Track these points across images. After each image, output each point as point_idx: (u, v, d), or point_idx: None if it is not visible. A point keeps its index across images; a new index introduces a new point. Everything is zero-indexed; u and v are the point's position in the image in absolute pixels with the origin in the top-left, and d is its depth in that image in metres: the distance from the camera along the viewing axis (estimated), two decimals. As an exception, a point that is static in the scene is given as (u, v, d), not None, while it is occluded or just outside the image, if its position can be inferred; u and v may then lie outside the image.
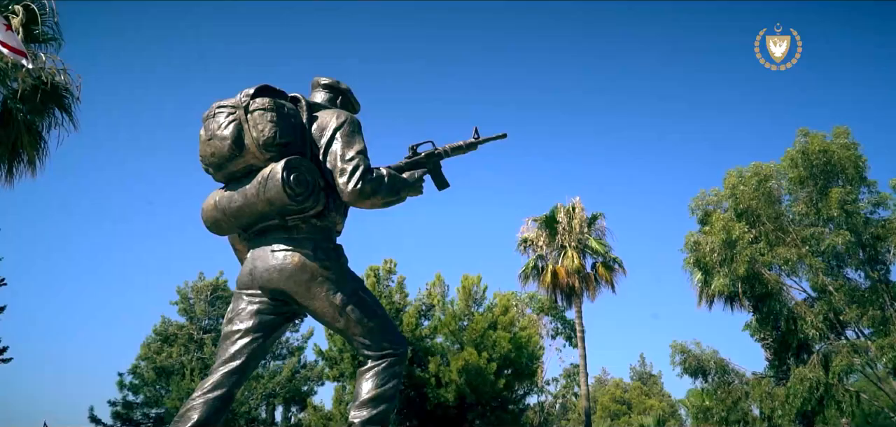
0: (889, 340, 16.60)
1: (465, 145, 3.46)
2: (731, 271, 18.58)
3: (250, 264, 3.09)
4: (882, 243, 17.74)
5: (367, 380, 3.03)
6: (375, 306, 3.14)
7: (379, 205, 3.06)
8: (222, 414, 2.92)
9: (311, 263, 2.97)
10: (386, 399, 3.01)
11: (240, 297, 3.11)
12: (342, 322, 3.02)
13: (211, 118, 3.05)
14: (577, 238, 27.89)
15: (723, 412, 20.86)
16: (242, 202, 3.03)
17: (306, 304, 3.02)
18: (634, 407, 52.18)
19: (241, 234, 3.26)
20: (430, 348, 21.30)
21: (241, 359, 2.96)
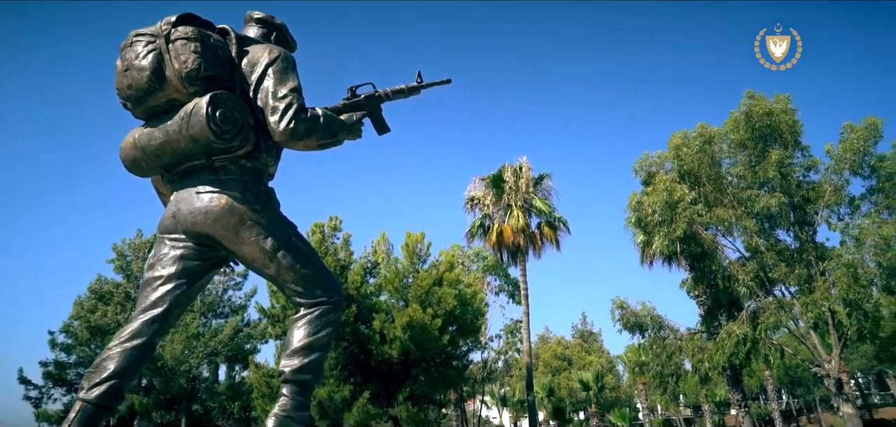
0: (812, 298, 17.54)
1: (407, 89, 3.25)
2: (671, 231, 19.16)
3: (174, 207, 2.86)
4: (811, 205, 18.62)
5: (300, 328, 2.86)
6: (309, 253, 2.95)
7: (313, 147, 2.84)
8: (141, 364, 2.72)
9: (240, 206, 2.76)
10: (319, 348, 2.86)
11: (162, 242, 2.89)
12: (273, 268, 2.83)
13: (128, 47, 2.76)
14: (523, 197, 28.17)
15: (658, 366, 21.74)
16: (163, 139, 2.78)
17: (234, 249, 2.81)
18: (575, 363, 54.02)
19: (165, 176, 2.99)
20: (374, 305, 21.23)
21: (163, 306, 2.76)
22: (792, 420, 51.24)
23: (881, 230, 16.75)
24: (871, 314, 17.32)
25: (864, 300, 17.19)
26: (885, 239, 16.68)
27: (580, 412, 54.69)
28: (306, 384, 2.86)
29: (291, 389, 2.83)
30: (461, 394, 35.59)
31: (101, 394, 2.57)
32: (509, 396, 52.04)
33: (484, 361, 38.23)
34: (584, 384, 45.88)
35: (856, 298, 16.86)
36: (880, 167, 17.54)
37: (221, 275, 30.02)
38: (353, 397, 19.28)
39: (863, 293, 16.97)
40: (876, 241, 16.71)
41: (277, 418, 2.75)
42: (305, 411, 2.85)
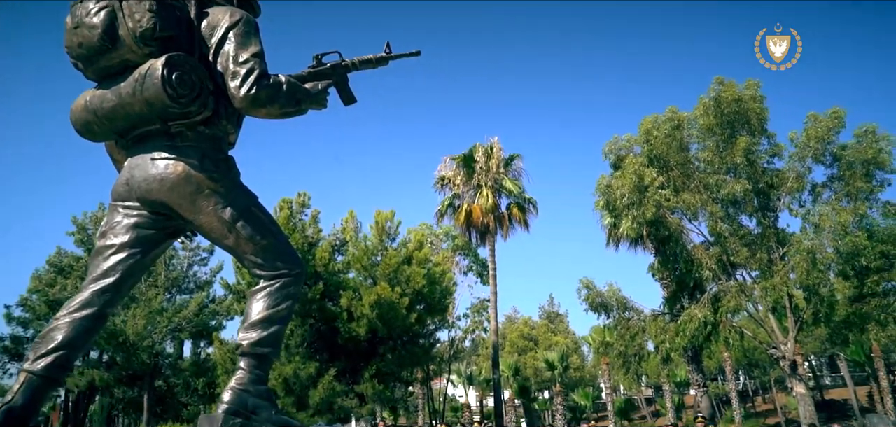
0: (772, 282, 18.04)
1: (374, 59, 3.16)
2: (639, 214, 19.41)
3: (128, 173, 2.73)
4: (775, 192, 19.06)
5: (259, 300, 2.78)
6: (269, 223, 2.85)
7: (276, 115, 2.74)
8: (92, 335, 2.62)
9: (197, 174, 2.64)
10: (278, 320, 2.78)
11: (115, 210, 2.77)
12: (232, 239, 2.74)
13: (79, 3, 2.62)
14: (493, 178, 28.22)
15: (622, 346, 22.15)
16: (116, 102, 2.65)
17: (191, 218, 2.71)
18: (541, 343, 54.68)
19: (118, 141, 2.86)
20: (342, 283, 21.10)
21: (115, 276, 2.65)
22: (748, 400, 52.93)
23: (839, 217, 17.25)
24: (827, 298, 17.90)
25: (821, 285, 17.74)
26: (843, 225, 17.18)
27: (545, 391, 55.53)
28: (265, 357, 2.78)
29: (249, 363, 2.75)
30: (428, 372, 35.79)
31: (48, 365, 2.45)
32: (476, 375, 52.56)
33: (451, 340, 38.44)
34: (550, 364, 46.53)
35: (813, 283, 17.38)
36: (842, 156, 18.02)
37: (185, 249, 29.53)
38: (320, 374, 19.18)
39: (820, 278, 17.51)
40: (834, 227, 17.21)
41: (234, 392, 2.67)
42: (263, 385, 2.77)
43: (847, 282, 17.98)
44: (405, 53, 3.19)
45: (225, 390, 2.69)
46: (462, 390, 55.09)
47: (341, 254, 22.44)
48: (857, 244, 16.87)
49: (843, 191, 17.91)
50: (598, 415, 48.87)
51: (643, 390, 58.49)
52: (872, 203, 17.72)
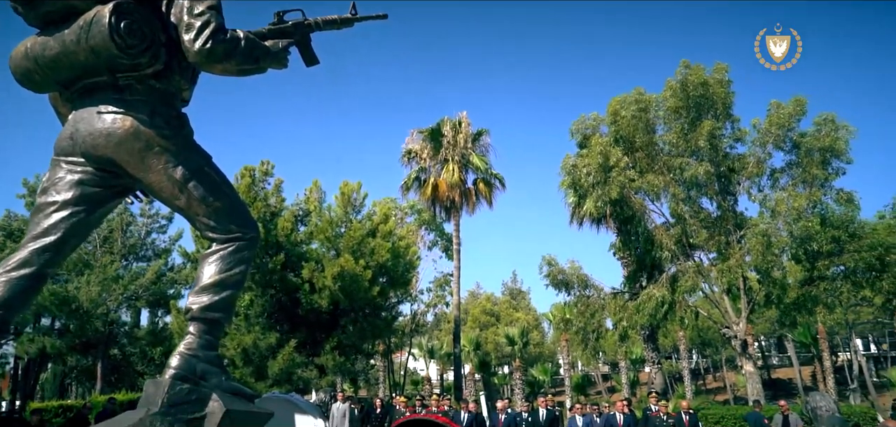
0: (728, 264, 18.53)
1: (339, 20, 3.05)
2: (604, 193, 19.62)
3: (72, 127, 2.57)
4: (735, 176, 19.50)
5: (210, 264, 2.68)
6: (223, 184, 2.74)
7: (232, 71, 2.61)
8: (30, 295, 2.50)
9: (147, 130, 2.50)
10: (231, 285, 2.68)
11: (58, 165, 2.61)
12: (183, 200, 2.61)
13: None
14: (460, 153, 28.13)
15: (581, 323, 22.51)
16: (60, 50, 2.48)
17: (140, 177, 2.57)
18: (503, 319, 55.30)
19: (63, 93, 2.70)
20: (304, 254, 20.83)
21: (56, 235, 2.51)
22: (699, 377, 54.74)
23: (795, 202, 17.76)
24: (779, 281, 18.49)
25: (774, 267, 18.30)
26: (798, 211, 17.70)
27: (505, 366, 56.37)
28: (216, 323, 2.69)
29: (199, 328, 2.65)
30: (389, 345, 35.86)
31: None
32: (437, 349, 52.92)
33: (413, 314, 38.53)
34: (510, 339, 47.16)
35: (767, 266, 17.90)
36: (801, 143, 18.50)
37: (143, 215, 28.72)
38: (280, 345, 18.98)
39: (774, 261, 18.05)
40: (789, 212, 17.71)
41: (182, 357, 2.56)
42: (213, 351, 2.67)
43: (799, 265, 18.58)
44: (371, 16, 3.11)
45: (173, 355, 2.58)
46: (423, 364, 55.46)
47: (304, 224, 22.13)
48: (810, 229, 17.42)
49: (800, 177, 18.42)
50: (556, 390, 49.85)
51: (600, 367, 59.86)
52: (827, 190, 18.29)
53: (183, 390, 2.54)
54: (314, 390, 22.60)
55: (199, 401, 2.58)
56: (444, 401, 15.59)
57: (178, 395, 2.53)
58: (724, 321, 20.10)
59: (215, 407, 2.58)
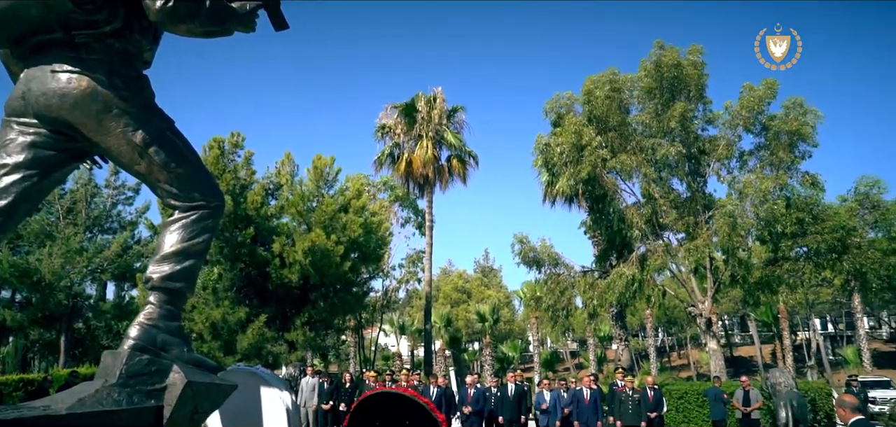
0: (696, 243, 18.88)
1: None
2: (576, 173, 19.74)
3: (24, 86, 2.43)
4: (705, 158, 19.78)
5: (173, 232, 2.59)
6: (186, 150, 2.63)
7: (197, 32, 2.49)
8: None
9: (105, 91, 2.38)
10: (193, 254, 2.60)
11: (9, 126, 2.47)
12: (143, 165, 2.50)
13: None
14: (435, 129, 27.98)
15: (551, 300, 22.76)
16: (9, 3, 2.33)
17: (97, 140, 2.46)
18: (474, 296, 55.65)
19: (14, 50, 2.54)
20: (275, 228, 20.58)
21: (7, 199, 2.38)
22: (664, 355, 56.02)
23: (762, 184, 18.11)
24: (745, 261, 18.92)
25: (740, 248, 18.70)
26: (765, 193, 18.07)
27: (475, 343, 56.84)
28: (177, 293, 2.60)
29: (160, 297, 2.56)
30: (360, 320, 35.83)
31: None
32: (408, 325, 53.09)
33: (385, 290, 38.52)
34: (481, 316, 47.51)
35: (733, 246, 18.28)
36: (770, 126, 18.81)
37: (109, 187, 27.99)
38: (249, 320, 18.78)
39: (740, 242, 18.43)
40: (756, 194, 18.06)
41: (142, 327, 2.48)
42: (175, 321, 2.59)
43: (763, 246, 19.01)
44: None
45: (132, 325, 2.49)
46: (394, 340, 55.61)
47: (275, 198, 21.82)
48: (775, 212, 17.81)
49: (768, 160, 18.77)
50: (525, 366, 50.48)
51: (569, 344, 60.78)
52: (793, 173, 18.69)
53: (142, 361, 2.46)
54: (284, 365, 22.49)
55: (159, 372, 2.50)
56: (414, 376, 15.65)
57: (136, 366, 2.45)
58: (691, 300, 20.52)
59: (176, 378, 2.51)
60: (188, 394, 2.54)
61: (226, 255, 19.56)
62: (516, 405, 12.67)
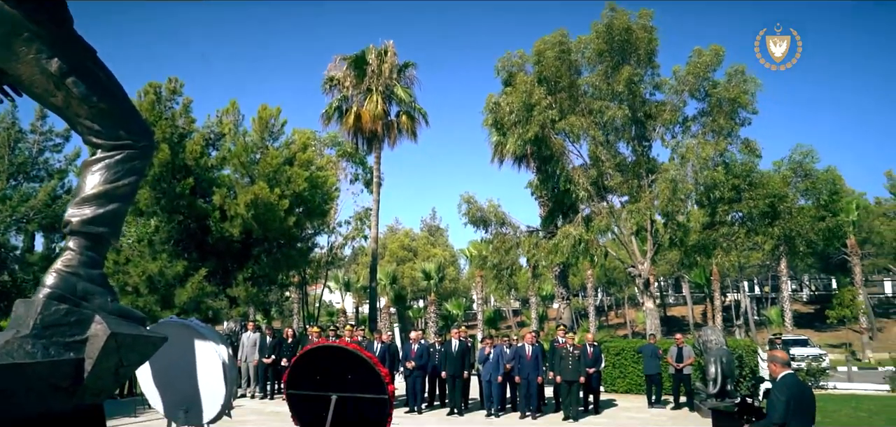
0: (638, 206, 19.34)
1: None
2: (525, 133, 19.77)
3: None
4: (651, 122, 20.10)
5: (95, 173, 2.36)
6: (110, 84, 2.37)
7: None
8: None
9: (13, 12, 2.11)
10: (118, 197, 2.38)
11: None
12: (60, 98, 2.23)
13: None
14: (385, 83, 27.40)
15: (497, 260, 22.98)
16: None
17: (6, 68, 2.20)
18: (420, 254, 55.88)
19: None
20: (216, 180, 19.86)
21: None
22: (603, 314, 58.04)
23: (703, 150, 18.63)
24: (683, 225, 19.53)
25: (679, 212, 19.29)
26: (705, 159, 18.60)
27: (420, 300, 57.26)
28: (99, 238, 2.37)
29: (80, 243, 2.33)
30: (304, 277, 35.38)
31: None
32: (353, 282, 52.91)
33: (330, 246, 38.10)
34: (427, 274, 47.80)
35: (673, 210, 18.83)
36: (713, 93, 19.25)
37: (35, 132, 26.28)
38: (188, 274, 18.19)
39: (679, 206, 19.00)
40: (697, 160, 18.57)
41: (59, 275, 2.25)
42: (97, 269, 2.37)
43: (701, 210, 19.65)
44: None
45: (48, 272, 2.26)
46: (339, 296, 55.37)
47: (216, 149, 20.99)
48: (715, 178, 18.38)
49: (710, 126, 19.27)
50: (469, 323, 51.33)
51: (511, 302, 62.06)
52: (733, 139, 19.27)
53: (60, 311, 2.24)
54: (224, 320, 22.00)
55: (79, 323, 2.30)
56: (358, 331, 15.58)
57: (53, 316, 2.24)
58: (631, 261, 21.11)
59: (98, 330, 2.31)
60: (112, 346, 2.35)
61: (163, 207, 18.78)
62: (460, 361, 12.82)
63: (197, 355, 5.27)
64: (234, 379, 5.41)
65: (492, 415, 12.40)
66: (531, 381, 12.28)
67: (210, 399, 5.39)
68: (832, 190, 19.93)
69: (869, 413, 12.89)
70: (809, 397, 5.30)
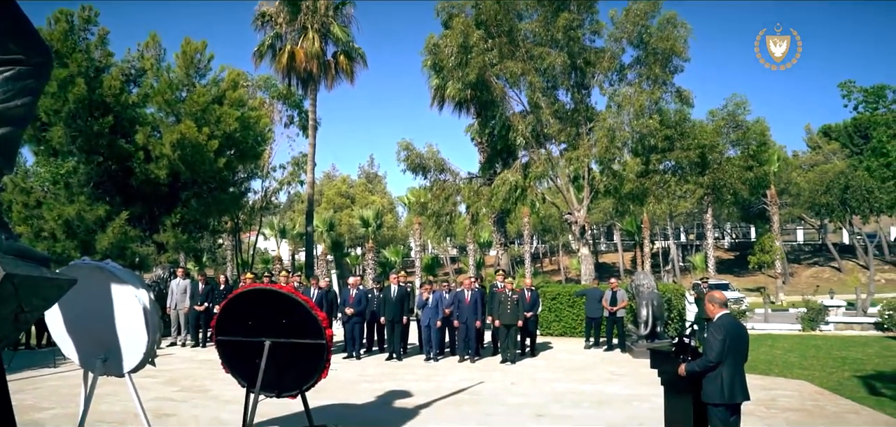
0: (576, 154, 19.57)
1: None
2: (464, 76, 19.47)
3: None
4: (591, 69, 20.18)
5: None
6: None
7: None
8: None
9: None
10: (8, 120, 2.04)
11: None
12: None
13: None
14: (321, 21, 26.27)
15: (436, 206, 22.91)
16: None
17: None
18: (358, 201, 55.24)
19: None
20: (137, 118, 18.63)
21: None
22: (537, 261, 59.47)
23: (639, 98, 18.91)
24: (618, 173, 19.95)
25: (616, 160, 19.65)
26: (641, 107, 18.90)
27: (358, 247, 56.88)
28: None
29: None
30: (237, 223, 34.25)
31: None
32: (289, 229, 51.84)
33: (264, 191, 36.96)
34: (365, 221, 47.38)
35: (609, 158, 19.14)
36: (648, 41, 19.45)
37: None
38: (110, 218, 17.14)
39: (617, 154, 19.32)
40: (633, 107, 18.85)
41: None
42: None
43: (636, 159, 20.10)
44: None
45: None
46: (274, 243, 54.22)
47: (138, 85, 19.63)
48: (650, 126, 18.74)
49: (646, 74, 19.53)
50: (407, 270, 51.47)
51: (449, 249, 62.55)
52: (668, 88, 19.63)
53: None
54: (152, 267, 21.02)
55: (-35, 266, 1.93)
56: (294, 278, 15.17)
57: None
58: (568, 208, 21.47)
59: (-9, 272, 1.96)
60: (9, 289, 2.02)
61: (80, 147, 17.49)
62: (399, 306, 12.68)
63: (114, 300, 4.83)
64: (157, 326, 5.02)
65: (431, 359, 12.39)
66: (470, 326, 12.30)
67: (130, 347, 4.99)
68: (761, 141, 20.75)
69: (784, 350, 13.70)
70: (744, 337, 5.41)
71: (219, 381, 7.01)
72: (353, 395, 8.78)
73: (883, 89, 15.99)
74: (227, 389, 7.57)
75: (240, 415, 5.99)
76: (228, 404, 7.94)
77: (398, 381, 9.89)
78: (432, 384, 9.68)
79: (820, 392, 9.09)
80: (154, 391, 8.99)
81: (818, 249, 51.43)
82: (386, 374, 10.61)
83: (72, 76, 16.38)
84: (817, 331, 17.58)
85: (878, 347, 13.93)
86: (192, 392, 9.05)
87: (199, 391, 9.09)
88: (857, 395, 8.75)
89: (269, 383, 5.67)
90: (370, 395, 8.88)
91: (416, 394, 8.92)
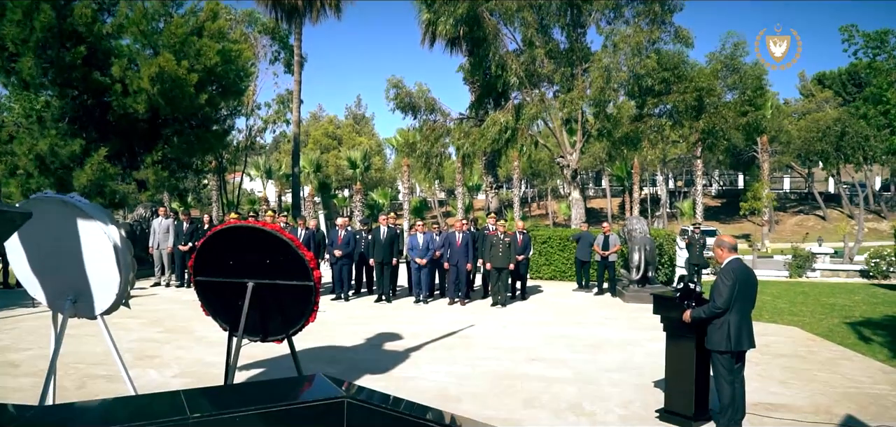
0: (570, 95, 19.02)
1: None
2: (455, 9, 18.68)
3: None
4: (587, 7, 19.40)
5: None
6: None
7: None
8: None
9: None
10: None
11: None
12: None
13: None
14: (305, -51, 25.12)
15: (426, 147, 22.40)
16: None
17: None
18: (345, 143, 54.39)
19: None
20: (113, 49, 17.76)
21: None
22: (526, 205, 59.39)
23: (636, 38, 18.26)
24: (613, 116, 19.48)
25: (611, 102, 19.14)
26: (638, 45, 18.27)
27: (345, 189, 56.31)
28: None
29: None
30: (221, 162, 33.54)
31: None
32: (275, 170, 51.05)
33: (249, 130, 36.12)
34: (352, 163, 46.71)
35: (604, 100, 18.61)
36: (648, -23, 18.71)
37: None
38: (86, 154, 16.50)
39: (612, 96, 18.79)
40: (630, 47, 18.23)
41: None
42: None
43: (632, 101, 19.61)
44: None
45: None
46: (260, 184, 53.48)
47: (112, 14, 18.64)
48: (647, 66, 18.17)
49: (644, 12, 18.84)
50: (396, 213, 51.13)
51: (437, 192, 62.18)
52: (667, 28, 18.99)
53: None
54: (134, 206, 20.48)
55: None
56: (281, 218, 14.76)
57: None
58: (560, 152, 21.06)
59: None
60: None
61: (52, 79, 16.68)
62: (388, 247, 12.40)
63: (81, 237, 4.43)
64: (130, 265, 4.64)
65: (420, 301, 12.19)
66: (460, 269, 12.08)
67: (102, 288, 4.61)
68: (757, 86, 20.31)
69: (772, 296, 13.67)
70: (753, 282, 5.17)
71: (204, 322, 6.70)
72: (341, 338, 8.54)
73: (886, 33, 15.60)
74: (212, 331, 7.28)
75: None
76: (213, 346, 7.67)
77: (388, 324, 9.67)
78: (423, 327, 9.47)
79: (812, 338, 9.01)
80: (137, 332, 8.69)
81: (804, 198, 51.73)
82: (375, 317, 10.39)
83: (36, 1, 15.46)
84: (804, 278, 17.62)
85: (865, 294, 13.96)
86: (175, 333, 8.77)
87: (183, 332, 8.80)
88: (847, 342, 8.68)
89: (254, 327, 5.35)
90: (360, 338, 8.65)
91: (406, 337, 8.70)
